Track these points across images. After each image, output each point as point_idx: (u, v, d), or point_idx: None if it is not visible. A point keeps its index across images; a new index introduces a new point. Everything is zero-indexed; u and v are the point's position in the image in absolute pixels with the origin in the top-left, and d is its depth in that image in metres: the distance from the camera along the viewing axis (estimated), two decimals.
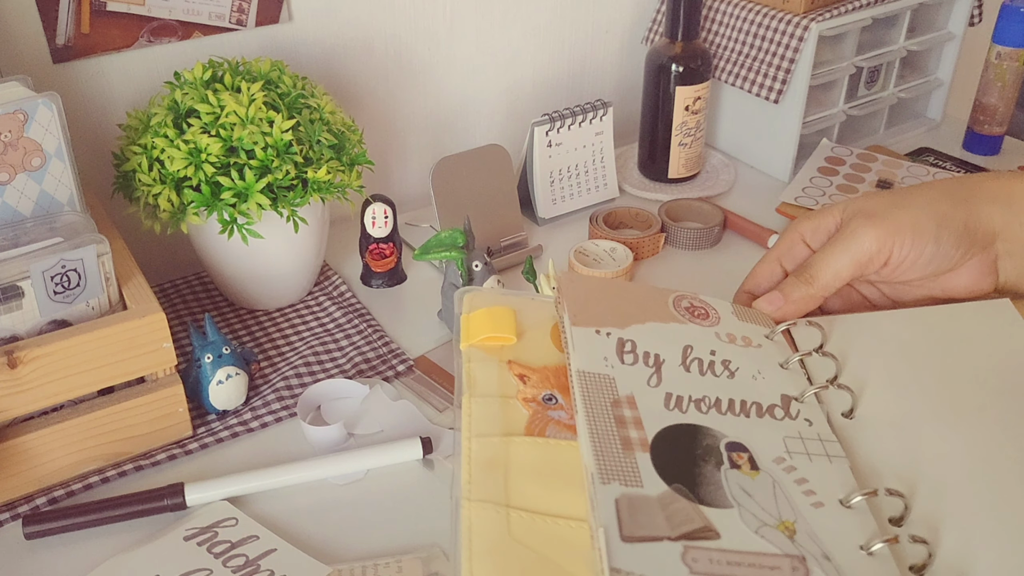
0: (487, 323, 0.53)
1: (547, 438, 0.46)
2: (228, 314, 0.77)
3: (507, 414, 0.48)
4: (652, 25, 1.02)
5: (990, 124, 1.00)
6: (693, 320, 0.55)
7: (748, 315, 0.57)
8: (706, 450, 0.45)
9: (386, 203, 0.76)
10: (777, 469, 0.45)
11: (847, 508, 0.43)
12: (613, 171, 0.93)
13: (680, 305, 0.56)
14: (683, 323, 0.54)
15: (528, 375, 0.50)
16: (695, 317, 0.55)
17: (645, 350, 0.51)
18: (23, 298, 0.56)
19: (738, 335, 0.54)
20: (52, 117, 0.58)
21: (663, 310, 0.55)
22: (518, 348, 0.52)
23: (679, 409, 0.47)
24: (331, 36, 0.85)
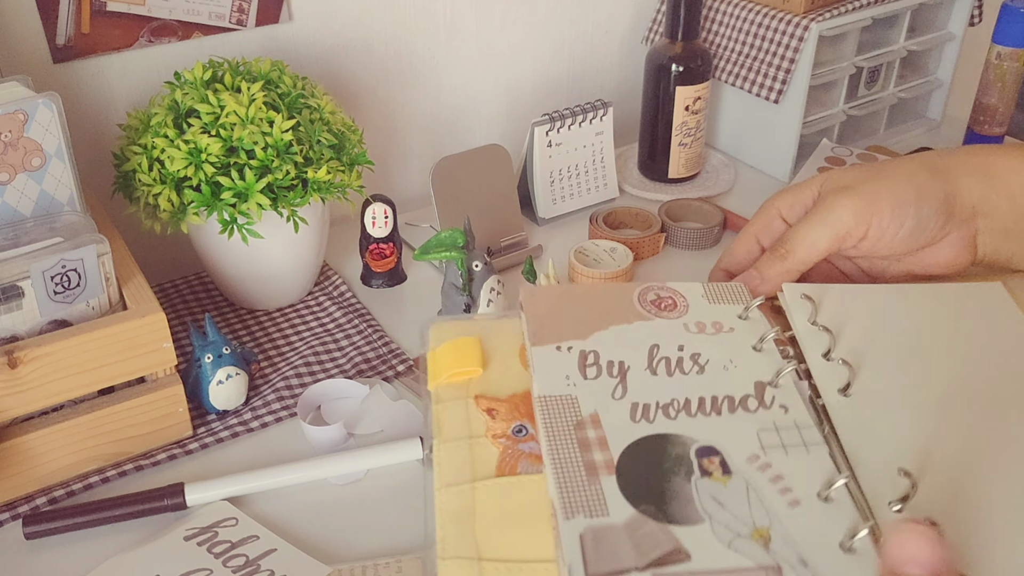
0: (451, 358, 0.51)
1: (518, 475, 0.45)
2: (228, 314, 0.77)
3: (477, 456, 0.46)
4: (652, 25, 1.02)
5: (990, 124, 1.00)
6: (660, 314, 0.53)
7: (721, 293, 0.55)
8: (675, 461, 0.43)
9: (386, 203, 0.76)
10: (751, 469, 0.43)
11: (825, 502, 0.41)
12: (613, 171, 0.93)
13: (646, 299, 0.53)
14: (649, 319, 0.52)
15: (497, 408, 0.48)
16: (662, 310, 0.53)
17: (609, 359, 0.49)
18: (23, 298, 0.56)
19: (708, 321, 0.52)
20: (52, 117, 0.58)
21: (627, 309, 0.53)
22: (487, 379, 0.50)
23: (646, 419, 0.45)
24: (331, 36, 0.85)
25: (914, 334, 0.52)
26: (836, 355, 0.50)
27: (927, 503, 0.42)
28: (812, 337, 0.51)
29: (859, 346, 0.51)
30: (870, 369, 0.50)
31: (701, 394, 0.47)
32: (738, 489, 0.42)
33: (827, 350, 0.50)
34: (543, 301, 0.53)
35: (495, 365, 0.51)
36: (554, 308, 0.52)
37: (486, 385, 0.50)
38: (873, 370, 0.50)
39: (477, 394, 0.49)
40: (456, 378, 0.50)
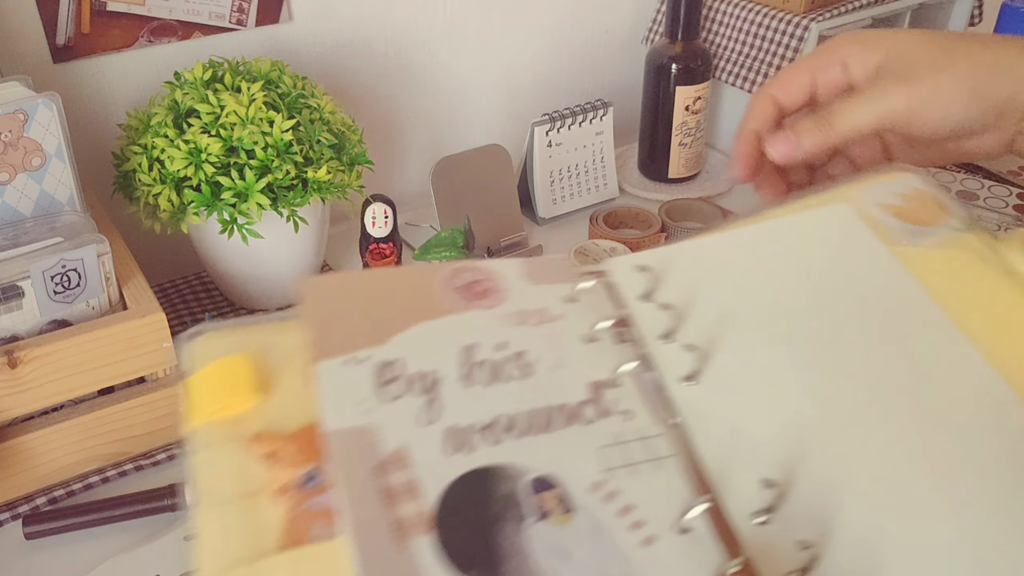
0: (215, 386, 0.39)
1: (311, 544, 0.34)
2: (228, 314, 0.77)
3: (254, 525, 0.34)
4: (652, 25, 1.02)
5: None
6: (473, 303, 0.42)
7: (545, 271, 0.45)
8: (505, 503, 0.34)
9: (386, 203, 0.76)
10: (595, 501, 0.35)
11: (684, 534, 0.34)
12: (613, 171, 0.93)
13: (455, 284, 0.43)
14: (461, 312, 0.42)
15: (280, 450, 0.37)
16: (476, 298, 0.43)
17: (415, 370, 0.38)
18: (23, 298, 0.56)
19: (532, 308, 0.43)
20: (52, 117, 0.58)
21: (433, 300, 0.42)
22: (267, 410, 0.38)
23: (466, 449, 0.36)
24: (331, 36, 0.85)
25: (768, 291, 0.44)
26: (680, 336, 0.42)
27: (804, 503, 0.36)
28: (648, 317, 0.43)
29: (706, 320, 0.43)
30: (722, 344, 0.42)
31: (530, 405, 0.38)
32: (581, 531, 0.34)
33: (668, 330, 0.42)
34: (329, 297, 0.41)
35: (280, 388, 0.39)
36: (343, 305, 0.41)
37: (266, 419, 0.38)
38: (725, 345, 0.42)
39: (253, 434, 0.37)
40: (224, 413, 0.38)
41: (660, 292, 0.44)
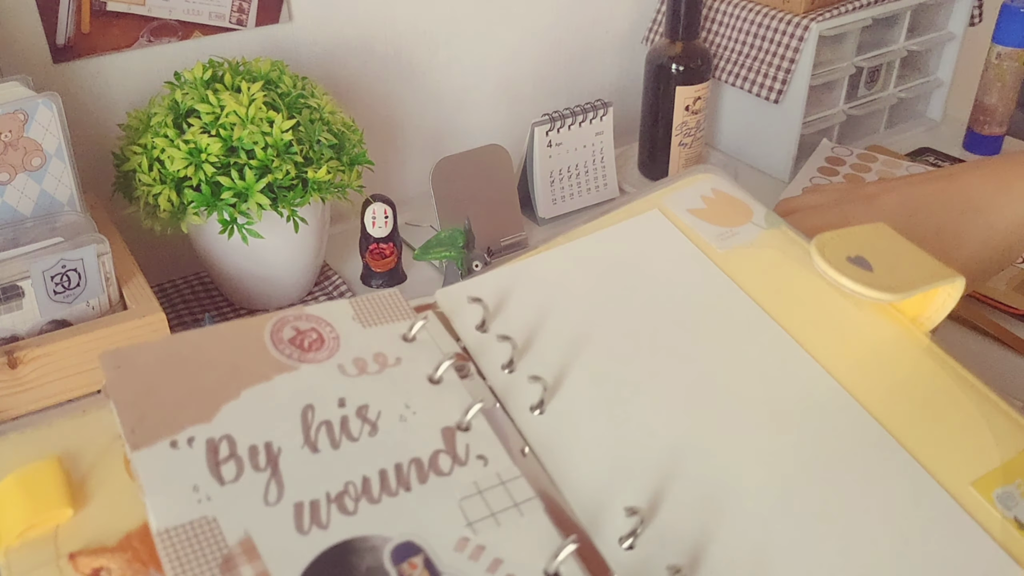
0: (20, 501, 0.33)
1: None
2: (228, 314, 0.77)
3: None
4: (652, 25, 1.02)
5: (990, 124, 1.00)
6: (305, 358, 0.39)
7: (376, 311, 0.42)
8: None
9: (386, 203, 0.76)
10: (462, 561, 0.33)
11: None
12: (613, 171, 0.93)
13: (282, 338, 0.40)
14: (293, 369, 0.38)
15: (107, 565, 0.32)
16: (307, 351, 0.40)
17: (250, 443, 0.35)
18: (23, 298, 0.56)
19: (369, 355, 0.40)
20: (52, 117, 0.58)
21: (261, 359, 0.39)
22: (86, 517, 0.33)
23: (317, 525, 0.33)
24: (331, 36, 0.85)
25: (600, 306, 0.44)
26: (522, 366, 0.40)
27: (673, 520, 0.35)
28: (488, 349, 0.41)
29: (545, 344, 0.42)
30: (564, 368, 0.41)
31: (381, 465, 0.35)
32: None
33: (509, 361, 0.41)
34: (139, 371, 0.36)
35: (99, 491, 0.34)
36: (157, 379, 0.36)
37: (87, 530, 0.33)
38: (567, 369, 0.41)
39: (73, 551, 0.32)
40: (35, 530, 0.33)
41: (496, 322, 0.42)
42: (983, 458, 0.36)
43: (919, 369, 0.40)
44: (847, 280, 0.40)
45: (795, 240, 0.45)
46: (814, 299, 0.43)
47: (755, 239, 0.46)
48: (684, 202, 0.49)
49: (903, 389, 0.39)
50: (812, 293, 0.43)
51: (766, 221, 0.47)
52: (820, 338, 0.41)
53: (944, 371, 0.39)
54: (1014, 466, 0.36)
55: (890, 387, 0.39)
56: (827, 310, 0.42)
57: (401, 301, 0.43)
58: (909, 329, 0.41)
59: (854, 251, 0.41)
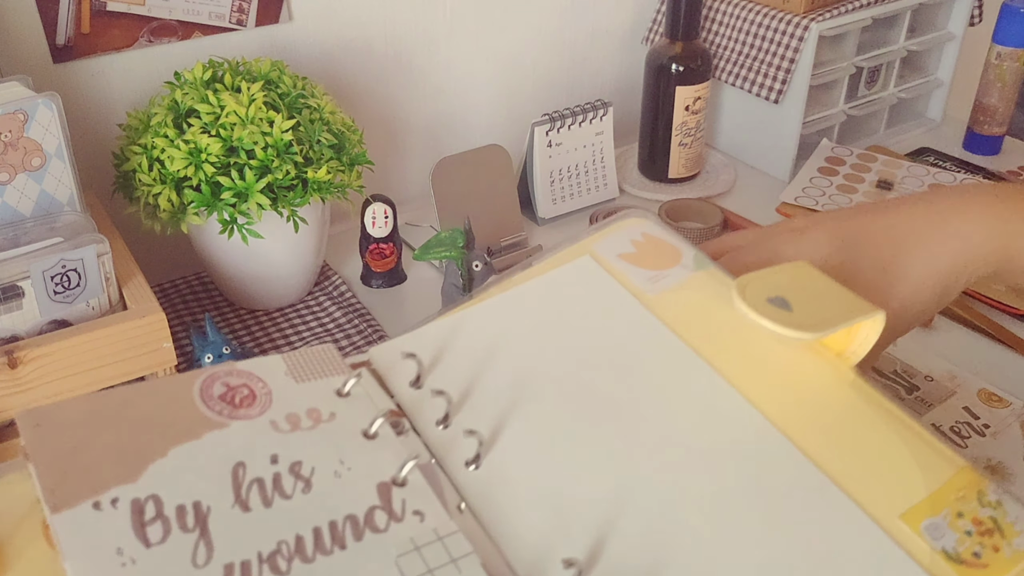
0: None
1: None
2: (228, 314, 0.77)
3: None
4: (652, 25, 1.02)
5: (990, 124, 1.00)
6: (236, 414, 0.38)
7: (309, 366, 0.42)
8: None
9: (386, 203, 0.76)
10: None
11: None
12: (613, 171, 0.93)
13: (212, 394, 0.39)
14: (224, 426, 0.37)
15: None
16: (239, 407, 0.39)
17: (178, 503, 0.34)
18: (23, 298, 0.56)
19: (302, 410, 0.39)
20: (52, 117, 0.58)
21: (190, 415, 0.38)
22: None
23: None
24: (331, 36, 0.85)
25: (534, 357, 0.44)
26: (456, 420, 0.40)
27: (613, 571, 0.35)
28: (422, 405, 0.41)
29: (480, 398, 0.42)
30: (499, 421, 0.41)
31: (315, 523, 0.35)
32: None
33: (444, 416, 0.40)
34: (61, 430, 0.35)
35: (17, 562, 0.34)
36: (80, 438, 0.35)
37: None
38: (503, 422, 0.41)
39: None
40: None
41: (431, 377, 0.42)
42: (910, 490, 0.36)
43: (845, 404, 0.40)
44: (766, 321, 0.41)
45: (723, 281, 0.46)
46: (742, 339, 0.43)
47: (684, 281, 0.47)
48: (615, 247, 0.50)
49: (831, 424, 0.40)
50: (740, 333, 0.43)
51: (695, 263, 0.47)
52: (750, 377, 0.42)
53: (869, 405, 0.40)
54: (940, 497, 0.36)
55: (818, 423, 0.40)
56: (755, 349, 0.43)
57: (335, 356, 0.42)
58: (835, 364, 0.42)
59: (774, 291, 0.42)
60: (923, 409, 0.65)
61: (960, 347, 0.72)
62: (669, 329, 0.44)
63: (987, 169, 0.97)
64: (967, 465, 0.37)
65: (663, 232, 0.50)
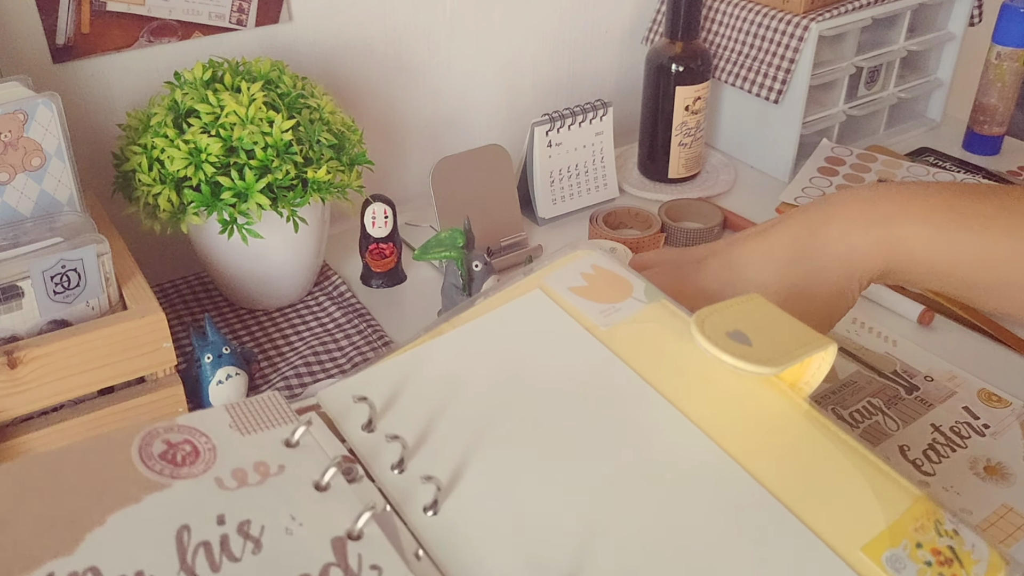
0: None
1: None
2: (228, 314, 0.77)
3: None
4: (652, 25, 1.02)
5: (990, 124, 1.00)
6: (178, 474, 0.36)
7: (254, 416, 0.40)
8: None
9: (386, 203, 0.76)
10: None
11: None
12: (613, 171, 0.93)
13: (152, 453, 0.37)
14: (165, 487, 0.35)
15: None
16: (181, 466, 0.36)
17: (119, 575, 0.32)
18: (23, 298, 0.56)
19: (249, 465, 0.37)
20: (52, 117, 0.58)
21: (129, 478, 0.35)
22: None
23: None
24: (331, 36, 0.85)
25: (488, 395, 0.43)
26: (411, 465, 0.39)
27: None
28: (376, 450, 0.40)
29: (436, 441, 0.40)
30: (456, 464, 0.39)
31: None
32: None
33: (399, 461, 0.39)
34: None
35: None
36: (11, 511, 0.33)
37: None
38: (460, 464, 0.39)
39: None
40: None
41: (384, 420, 0.41)
42: (870, 521, 0.36)
43: (801, 435, 0.40)
44: (729, 357, 0.40)
45: (675, 313, 0.46)
46: (697, 371, 0.43)
47: (636, 314, 0.46)
48: (565, 280, 0.49)
49: (788, 456, 0.39)
50: (695, 365, 0.43)
51: (646, 296, 0.47)
52: (706, 410, 0.42)
53: (825, 436, 0.40)
54: (899, 528, 0.36)
55: (775, 454, 0.40)
56: (710, 382, 0.43)
57: (282, 404, 0.41)
58: (789, 396, 0.42)
59: (732, 326, 0.42)
60: (923, 409, 0.65)
61: (960, 347, 0.72)
62: (624, 363, 0.44)
63: (987, 169, 0.97)
64: (923, 495, 0.37)
65: (613, 264, 0.50)
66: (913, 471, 0.60)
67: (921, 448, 0.62)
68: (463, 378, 0.44)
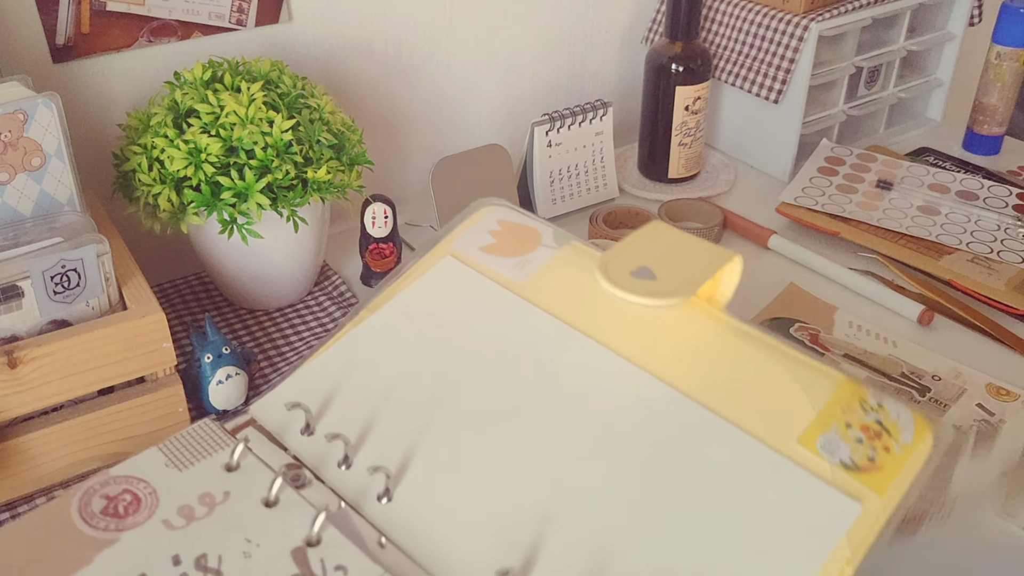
0: None
1: None
2: (228, 314, 0.77)
3: None
4: (652, 25, 1.02)
5: (990, 124, 1.00)
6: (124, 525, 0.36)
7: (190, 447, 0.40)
8: None
9: (386, 203, 0.76)
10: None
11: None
12: (613, 171, 0.93)
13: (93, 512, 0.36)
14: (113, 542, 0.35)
15: None
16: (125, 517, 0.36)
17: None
18: (23, 298, 0.56)
19: (194, 499, 0.37)
20: (52, 117, 0.58)
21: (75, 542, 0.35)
22: None
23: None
24: (331, 36, 0.85)
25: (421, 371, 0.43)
26: (358, 459, 0.39)
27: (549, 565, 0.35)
28: (319, 452, 0.40)
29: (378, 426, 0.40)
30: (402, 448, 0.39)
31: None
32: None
33: (344, 457, 0.39)
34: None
35: None
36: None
37: None
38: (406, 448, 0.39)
39: None
40: None
41: (322, 421, 0.41)
42: (800, 413, 0.38)
43: (724, 346, 0.41)
44: (634, 296, 0.41)
45: (586, 252, 0.46)
46: (616, 306, 0.43)
47: (549, 261, 0.47)
48: (474, 241, 0.49)
49: (714, 368, 0.41)
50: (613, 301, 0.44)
51: (555, 241, 0.47)
52: (629, 341, 0.42)
53: (747, 342, 0.41)
54: (828, 413, 0.38)
55: (703, 369, 0.41)
56: (630, 314, 0.43)
57: (215, 429, 0.41)
58: (707, 311, 0.43)
59: (635, 263, 0.42)
60: (940, 411, 0.65)
61: (960, 347, 0.72)
62: (545, 312, 0.44)
63: (987, 169, 0.97)
64: (845, 377, 0.39)
65: (518, 216, 0.50)
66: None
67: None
68: (391, 361, 0.44)
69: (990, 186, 0.91)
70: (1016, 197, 0.89)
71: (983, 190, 0.90)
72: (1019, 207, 0.87)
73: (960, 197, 0.89)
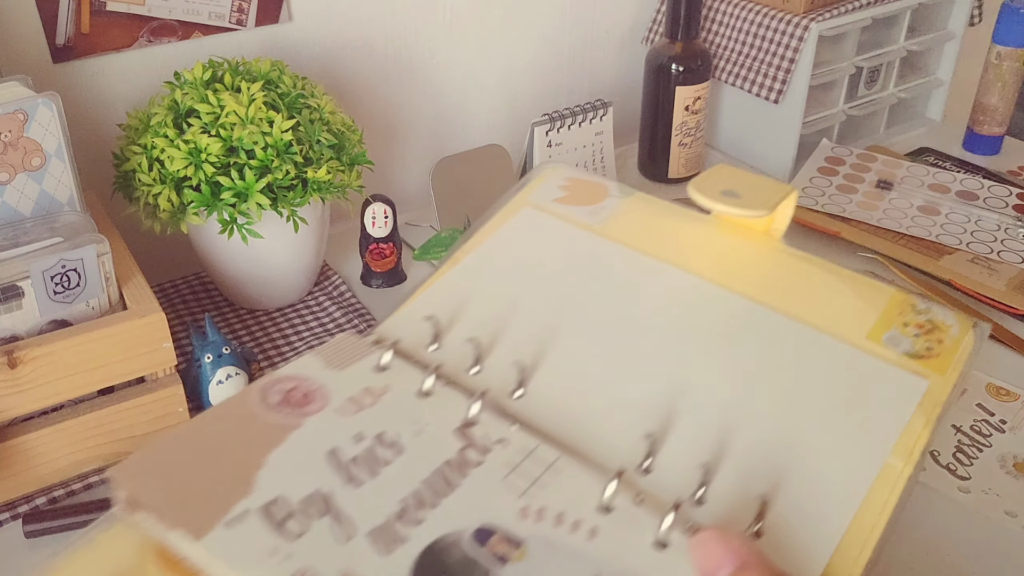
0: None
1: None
2: (228, 314, 0.77)
3: None
4: (652, 25, 1.02)
5: (990, 124, 1.00)
6: (304, 412, 0.41)
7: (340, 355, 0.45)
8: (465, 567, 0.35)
9: (386, 203, 0.76)
10: (531, 525, 0.36)
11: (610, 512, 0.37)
12: (613, 171, 0.93)
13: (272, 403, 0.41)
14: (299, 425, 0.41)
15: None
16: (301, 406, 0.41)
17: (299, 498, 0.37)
18: (23, 298, 0.56)
19: (357, 392, 0.42)
20: (52, 117, 0.58)
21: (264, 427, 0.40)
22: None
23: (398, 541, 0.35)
24: (331, 36, 0.85)
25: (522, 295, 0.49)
26: (490, 360, 0.45)
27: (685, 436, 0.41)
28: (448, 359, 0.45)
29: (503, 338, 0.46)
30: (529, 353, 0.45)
31: (423, 475, 0.38)
32: (541, 555, 0.35)
33: (475, 359, 0.44)
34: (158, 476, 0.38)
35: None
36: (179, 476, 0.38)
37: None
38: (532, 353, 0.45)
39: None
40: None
41: (448, 334, 0.47)
42: (864, 316, 0.46)
43: (787, 267, 0.49)
44: (731, 208, 0.48)
45: (650, 200, 0.54)
46: (687, 238, 0.51)
47: (620, 207, 0.53)
48: (547, 195, 0.55)
49: (785, 284, 0.48)
50: (683, 233, 0.51)
51: (620, 192, 0.54)
52: (711, 267, 0.49)
53: (805, 263, 0.49)
54: (887, 315, 0.46)
55: (777, 287, 0.48)
56: (701, 242, 0.51)
57: (358, 340, 0.46)
58: (766, 240, 0.50)
59: (721, 187, 0.49)
60: None
61: None
62: (628, 247, 0.51)
63: (987, 169, 0.97)
64: (895, 290, 0.47)
65: (582, 173, 0.56)
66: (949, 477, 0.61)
67: (950, 452, 0.62)
68: (497, 289, 0.49)
69: (990, 186, 0.91)
70: (1016, 197, 0.89)
71: (983, 190, 0.90)
72: (1019, 207, 0.87)
73: (960, 197, 0.89)
